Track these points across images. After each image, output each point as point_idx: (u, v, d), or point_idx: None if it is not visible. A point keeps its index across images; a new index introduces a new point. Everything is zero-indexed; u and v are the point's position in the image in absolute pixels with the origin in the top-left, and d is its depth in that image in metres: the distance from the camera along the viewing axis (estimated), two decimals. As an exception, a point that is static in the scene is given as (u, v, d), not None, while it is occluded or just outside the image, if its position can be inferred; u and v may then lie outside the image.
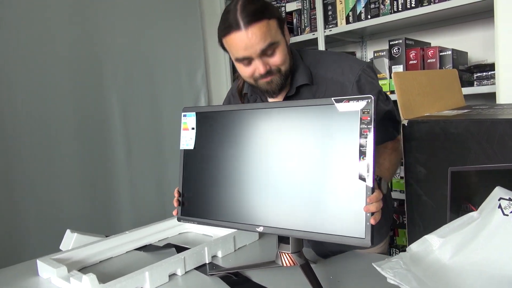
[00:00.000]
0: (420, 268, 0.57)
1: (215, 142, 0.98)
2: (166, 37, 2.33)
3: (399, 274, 0.55)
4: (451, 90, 0.94)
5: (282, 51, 1.00)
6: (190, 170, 1.01)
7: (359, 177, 0.79)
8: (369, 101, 0.80)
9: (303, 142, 0.86)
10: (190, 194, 1.01)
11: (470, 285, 0.53)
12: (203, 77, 2.54)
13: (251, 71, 1.00)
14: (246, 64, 1.00)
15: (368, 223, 0.77)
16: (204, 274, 1.04)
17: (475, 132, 0.69)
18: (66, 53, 1.91)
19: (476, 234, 0.57)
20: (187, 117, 1.03)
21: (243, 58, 0.98)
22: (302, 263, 0.93)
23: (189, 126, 1.02)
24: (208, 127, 0.99)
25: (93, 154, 2.02)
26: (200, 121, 1.01)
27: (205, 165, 0.99)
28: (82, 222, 1.94)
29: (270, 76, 1.01)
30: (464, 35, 2.03)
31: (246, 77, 1.04)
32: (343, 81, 1.05)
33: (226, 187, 0.95)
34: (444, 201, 0.77)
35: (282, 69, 1.01)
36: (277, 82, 1.02)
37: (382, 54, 1.94)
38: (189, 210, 1.01)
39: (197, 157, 1.00)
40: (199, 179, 1.00)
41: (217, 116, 0.98)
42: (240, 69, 1.03)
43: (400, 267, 0.56)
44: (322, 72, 1.07)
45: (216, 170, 0.97)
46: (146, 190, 2.23)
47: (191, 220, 1.01)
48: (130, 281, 0.93)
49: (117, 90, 2.11)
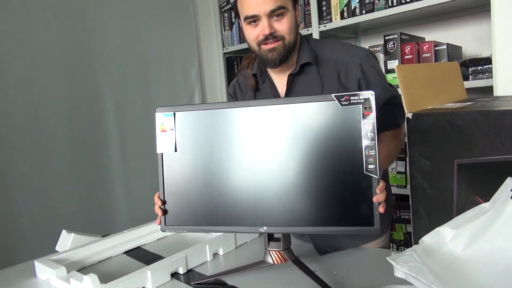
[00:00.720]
0: (433, 261, 0.56)
1: (202, 143, 0.91)
2: (160, 35, 2.31)
3: (415, 268, 0.54)
4: (453, 83, 0.94)
5: (289, 20, 1.03)
6: (173, 174, 0.93)
7: (365, 170, 0.80)
8: (370, 97, 0.80)
9: (305, 138, 0.84)
10: (175, 201, 0.93)
11: (484, 277, 0.53)
12: (197, 75, 2.52)
13: (257, 33, 1.03)
14: (253, 26, 1.03)
15: (377, 212, 0.79)
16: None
17: (483, 123, 0.69)
18: (59, 51, 1.89)
19: (489, 225, 0.57)
20: (164, 117, 0.93)
21: (252, 17, 1.01)
22: (293, 258, 0.93)
23: (167, 128, 0.93)
24: (192, 128, 0.91)
25: (87, 153, 1.99)
26: (180, 121, 0.92)
27: (191, 168, 0.91)
28: (77, 222, 1.92)
29: (273, 43, 1.03)
30: (458, 29, 2.04)
31: (251, 40, 1.07)
32: (347, 61, 1.08)
33: (219, 190, 0.89)
34: (450, 194, 0.76)
35: (286, 39, 1.04)
36: (279, 52, 1.04)
37: (377, 49, 1.94)
38: (176, 218, 0.93)
39: (182, 160, 0.92)
40: (186, 184, 0.92)
41: (203, 115, 0.90)
42: (247, 31, 1.06)
43: (415, 261, 0.56)
44: (327, 54, 1.11)
45: (207, 173, 0.90)
46: (141, 189, 2.21)
47: (179, 229, 0.93)
48: (132, 281, 0.92)
49: (111, 89, 2.09)
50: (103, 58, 2.05)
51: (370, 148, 0.79)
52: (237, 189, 0.89)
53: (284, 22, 1.02)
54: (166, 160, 0.93)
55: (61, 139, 1.89)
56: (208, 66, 2.66)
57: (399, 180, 1.99)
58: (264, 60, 1.07)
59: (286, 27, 1.03)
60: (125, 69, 2.15)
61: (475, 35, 1.98)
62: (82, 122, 1.97)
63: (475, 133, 0.70)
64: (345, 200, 0.82)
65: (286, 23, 1.02)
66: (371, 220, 0.80)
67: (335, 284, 0.89)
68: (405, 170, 1.96)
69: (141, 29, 2.22)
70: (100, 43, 2.04)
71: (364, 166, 0.80)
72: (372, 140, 0.79)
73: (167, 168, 0.93)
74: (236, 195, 0.89)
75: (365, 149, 0.80)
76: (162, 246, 1.25)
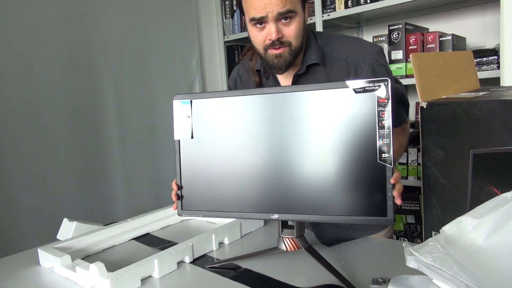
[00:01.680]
0: (455, 251, 0.56)
1: (218, 130, 0.91)
2: (160, 23, 2.28)
3: (439, 259, 0.53)
4: (467, 73, 0.93)
5: (298, 25, 0.97)
6: (189, 161, 0.94)
7: (379, 159, 0.78)
8: (386, 84, 0.79)
9: (319, 126, 0.83)
10: (191, 187, 0.95)
11: (506, 267, 0.52)
12: (197, 64, 2.49)
13: (263, 37, 0.98)
14: (260, 29, 0.98)
15: (390, 202, 0.78)
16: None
17: (501, 113, 0.68)
18: (58, 42, 1.85)
19: (511, 215, 0.56)
20: (181, 104, 0.94)
21: (259, 19, 0.95)
22: (306, 246, 0.93)
23: (184, 115, 0.94)
24: (208, 115, 0.92)
25: (87, 143, 1.97)
26: (197, 109, 0.93)
27: (207, 155, 0.93)
28: (77, 212, 1.90)
29: (280, 48, 0.98)
30: (462, 20, 2.03)
31: (257, 44, 1.01)
32: (357, 62, 1.03)
33: (234, 176, 0.90)
34: (464, 184, 0.76)
35: (293, 44, 0.99)
36: (285, 58, 0.99)
37: (381, 39, 1.92)
38: (192, 203, 0.95)
39: (197, 147, 0.93)
40: (202, 170, 0.93)
41: (219, 102, 0.91)
42: (252, 34, 1.01)
43: (439, 251, 0.55)
44: (336, 52, 1.06)
45: (222, 160, 0.91)
46: (141, 180, 2.20)
47: (195, 213, 0.95)
48: (140, 269, 0.91)
49: (111, 78, 2.06)
50: (102, 47, 2.02)
51: (385, 136, 0.78)
52: (251, 176, 0.89)
53: (292, 27, 0.97)
54: (183, 147, 0.94)
55: (61, 130, 1.87)
56: (209, 54, 2.63)
57: (401, 172, 1.99)
58: (270, 65, 1.03)
59: (293, 33, 0.97)
60: (125, 58, 2.11)
61: (479, 26, 1.97)
62: (82, 111, 1.95)
63: (493, 122, 0.69)
64: (358, 189, 0.81)
65: (294, 28, 0.97)
66: (384, 210, 0.79)
67: (344, 274, 0.89)
68: (406, 161, 1.95)
69: (141, 17, 2.18)
70: (99, 32, 2.00)
71: (378, 155, 0.79)
72: (387, 129, 0.78)
73: (184, 155, 0.94)
74: (250, 182, 0.89)
75: (379, 138, 0.79)
76: (166, 235, 1.24)
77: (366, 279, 0.86)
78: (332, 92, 0.82)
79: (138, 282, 0.90)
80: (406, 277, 0.75)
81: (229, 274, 0.94)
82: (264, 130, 0.87)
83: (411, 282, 0.73)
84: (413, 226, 2.07)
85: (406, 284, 0.74)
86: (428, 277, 0.71)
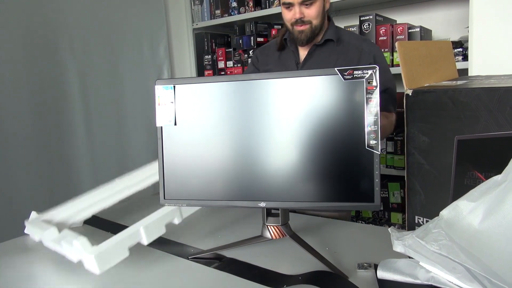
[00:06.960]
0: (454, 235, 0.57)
1: (202, 116, 0.89)
2: (127, 10, 2.21)
3: (445, 246, 0.54)
4: (447, 62, 0.96)
5: (317, 8, 1.28)
6: (173, 148, 0.91)
7: (367, 146, 0.79)
8: (374, 71, 0.80)
9: (307, 112, 0.83)
10: (174, 175, 0.91)
11: (501, 249, 0.54)
12: (165, 51, 2.43)
13: (291, 16, 1.31)
14: (289, 10, 1.30)
15: (377, 188, 0.80)
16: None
17: (487, 100, 0.70)
18: (21, 26, 1.74)
19: (504, 197, 0.58)
20: (163, 90, 0.90)
21: (288, 3, 1.29)
22: (291, 233, 0.93)
23: (167, 101, 0.90)
24: (193, 101, 0.89)
25: (50, 130, 1.88)
26: (181, 94, 0.89)
27: (191, 142, 0.90)
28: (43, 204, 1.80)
29: (303, 26, 1.30)
30: (428, 13, 2.09)
31: (286, 21, 1.34)
32: (363, 48, 1.31)
33: (219, 164, 0.89)
34: (447, 169, 0.78)
35: (313, 23, 1.30)
36: (306, 34, 1.31)
37: (353, 29, 1.95)
38: (176, 192, 0.92)
39: (181, 134, 0.90)
40: (186, 158, 0.90)
41: (204, 88, 0.89)
42: (283, 13, 1.34)
43: (444, 238, 0.56)
44: (347, 38, 1.37)
45: (206, 147, 0.89)
46: (108, 168, 2.12)
47: (178, 203, 0.92)
48: (126, 239, 0.88)
49: (75, 64, 1.97)
50: (66, 32, 1.92)
51: (373, 123, 0.79)
52: (237, 164, 0.87)
53: (312, 10, 1.28)
54: (166, 134, 0.90)
55: (21, 115, 1.76)
56: (177, 41, 2.57)
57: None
58: (295, 38, 1.34)
59: (314, 13, 1.28)
60: (90, 43, 2.02)
61: (444, 19, 2.03)
62: (44, 97, 1.85)
63: (478, 109, 0.71)
64: (345, 176, 0.82)
65: (314, 10, 1.28)
66: (371, 196, 0.80)
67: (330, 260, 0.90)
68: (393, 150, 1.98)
69: (107, 2, 2.09)
70: (64, 17, 1.91)
71: (366, 142, 0.80)
72: (375, 116, 0.79)
73: (167, 142, 0.90)
74: (236, 170, 0.87)
75: (367, 125, 0.80)
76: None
77: (352, 264, 0.87)
78: (321, 79, 0.82)
79: (125, 252, 0.87)
80: (394, 261, 0.77)
81: (213, 264, 0.92)
82: (251, 117, 0.86)
83: (399, 265, 0.75)
84: (381, 213, 2.14)
85: (394, 267, 0.75)
86: (415, 260, 0.73)
